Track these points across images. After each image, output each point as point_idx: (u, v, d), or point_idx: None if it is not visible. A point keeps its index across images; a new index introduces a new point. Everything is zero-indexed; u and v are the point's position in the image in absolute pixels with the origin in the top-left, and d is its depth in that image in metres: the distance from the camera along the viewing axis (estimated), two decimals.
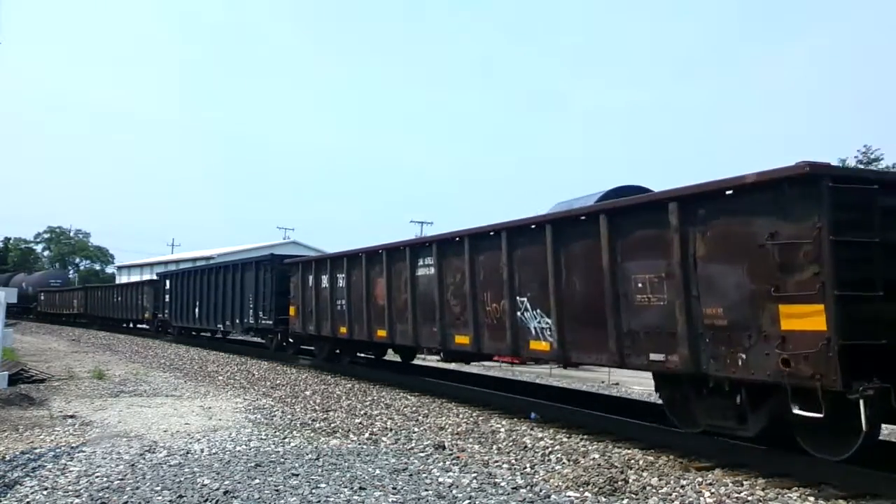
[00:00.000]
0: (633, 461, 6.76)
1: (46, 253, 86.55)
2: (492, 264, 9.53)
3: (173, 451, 7.18)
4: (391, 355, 15.66)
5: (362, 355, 15.63)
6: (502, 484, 5.93)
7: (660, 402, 7.67)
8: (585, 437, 7.98)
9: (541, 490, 5.76)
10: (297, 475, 6.18)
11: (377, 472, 6.33)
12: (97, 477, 6.11)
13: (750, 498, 5.52)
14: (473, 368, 16.10)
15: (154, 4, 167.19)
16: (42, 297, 46.43)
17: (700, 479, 6.05)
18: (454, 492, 5.68)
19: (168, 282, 26.95)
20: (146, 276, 46.46)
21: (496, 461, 6.80)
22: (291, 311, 16.55)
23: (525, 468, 6.53)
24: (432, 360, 19.64)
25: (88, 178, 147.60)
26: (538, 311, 8.66)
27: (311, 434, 8.19)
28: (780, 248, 5.73)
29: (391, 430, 8.43)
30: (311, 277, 15.43)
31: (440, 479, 6.06)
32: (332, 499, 5.48)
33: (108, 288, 38.62)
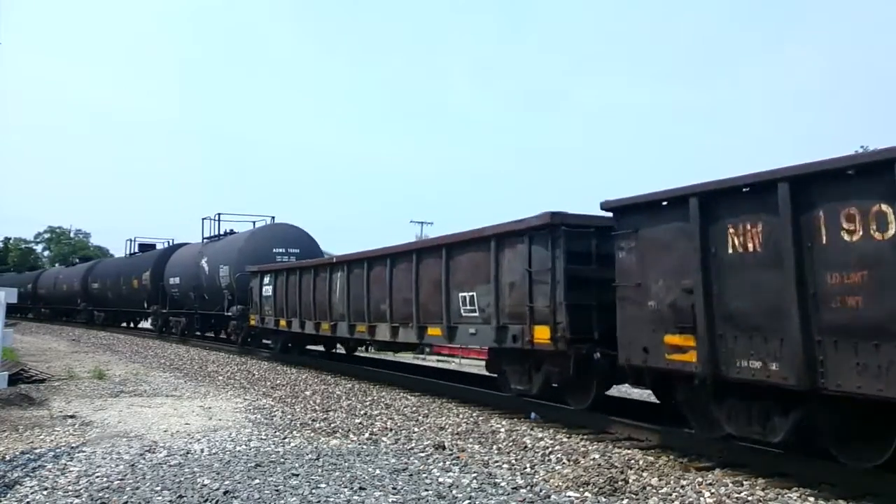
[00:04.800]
0: (633, 461, 6.76)
1: (46, 253, 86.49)
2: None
3: (173, 451, 7.18)
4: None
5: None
6: (502, 484, 5.93)
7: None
8: (585, 437, 7.98)
9: (541, 490, 5.76)
10: (297, 475, 6.18)
11: (377, 472, 6.34)
12: (97, 477, 6.11)
13: (750, 498, 5.52)
14: (473, 368, 16.09)
15: (154, 4, 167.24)
16: (267, 289, 17.74)
17: (700, 479, 6.05)
18: (454, 492, 5.68)
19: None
20: None
21: (496, 461, 6.80)
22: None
23: (525, 468, 6.54)
24: (432, 360, 19.66)
25: (88, 178, 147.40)
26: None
27: (311, 434, 8.19)
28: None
29: (391, 430, 8.43)
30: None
31: (440, 479, 6.06)
32: (332, 499, 5.48)
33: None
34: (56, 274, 44.76)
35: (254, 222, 22.97)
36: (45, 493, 5.65)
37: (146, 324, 31.22)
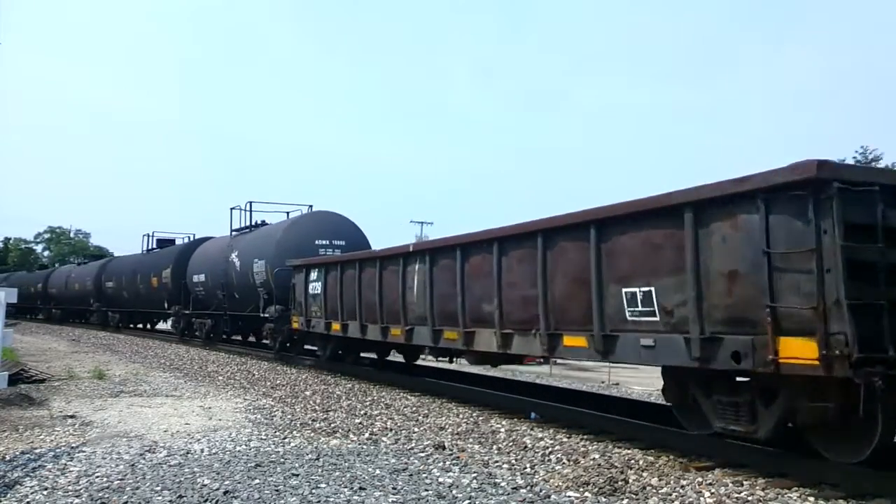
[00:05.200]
0: (633, 461, 6.77)
1: (46, 253, 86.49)
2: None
3: (173, 451, 7.18)
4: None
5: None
6: (502, 484, 5.93)
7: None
8: (585, 437, 7.98)
9: (541, 490, 5.76)
10: (297, 475, 6.18)
11: (377, 472, 6.34)
12: (97, 477, 6.11)
13: (750, 498, 5.52)
14: (473, 368, 16.09)
15: (154, 4, 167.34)
16: (315, 286, 15.26)
17: (700, 479, 6.05)
18: (454, 492, 5.68)
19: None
20: None
21: (496, 461, 6.80)
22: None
23: (525, 468, 6.54)
24: (431, 360, 19.58)
25: (88, 178, 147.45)
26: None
27: (311, 434, 8.19)
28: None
29: (391, 430, 8.43)
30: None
31: (440, 479, 6.06)
32: (332, 499, 5.48)
33: None
34: (67, 273, 41.57)
35: (287, 213, 20.40)
36: (45, 493, 5.65)
37: (166, 325, 29.21)
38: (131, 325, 33.28)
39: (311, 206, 20.03)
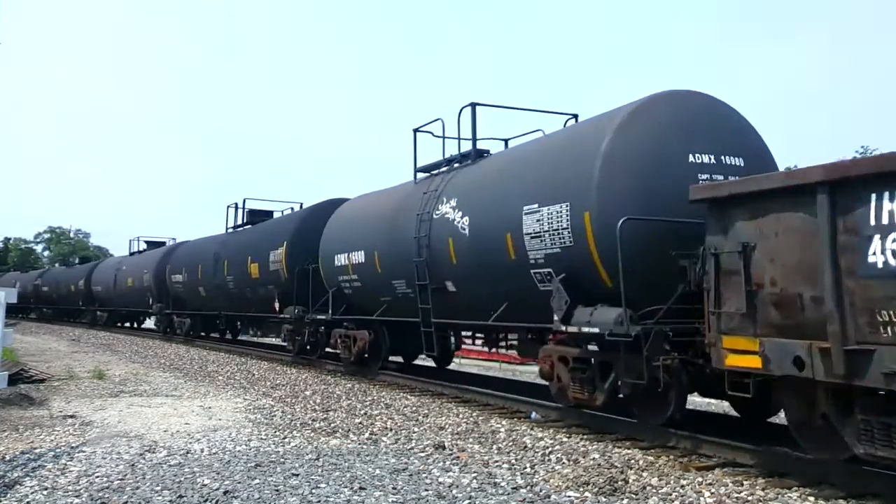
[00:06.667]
0: (633, 461, 6.76)
1: (46, 253, 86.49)
2: None
3: (173, 451, 7.19)
4: None
5: None
6: (502, 484, 5.93)
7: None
8: (585, 437, 7.98)
9: (541, 490, 5.76)
10: (297, 475, 6.18)
11: (377, 472, 6.34)
12: (97, 477, 6.12)
13: (750, 498, 5.52)
14: (473, 368, 16.09)
15: (154, 4, 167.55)
16: None
17: (700, 479, 6.05)
18: (454, 492, 5.68)
19: None
20: None
21: (496, 461, 6.80)
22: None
23: (525, 468, 6.54)
24: (429, 361, 19.40)
25: (88, 179, 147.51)
26: None
27: (311, 434, 8.19)
28: None
29: (391, 429, 8.43)
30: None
31: (440, 479, 6.06)
32: (332, 499, 5.49)
33: None
34: (117, 265, 32.47)
35: (505, 141, 11.38)
36: (45, 492, 5.65)
37: (255, 332, 21.63)
38: (203, 333, 24.51)
39: (575, 116, 10.38)
